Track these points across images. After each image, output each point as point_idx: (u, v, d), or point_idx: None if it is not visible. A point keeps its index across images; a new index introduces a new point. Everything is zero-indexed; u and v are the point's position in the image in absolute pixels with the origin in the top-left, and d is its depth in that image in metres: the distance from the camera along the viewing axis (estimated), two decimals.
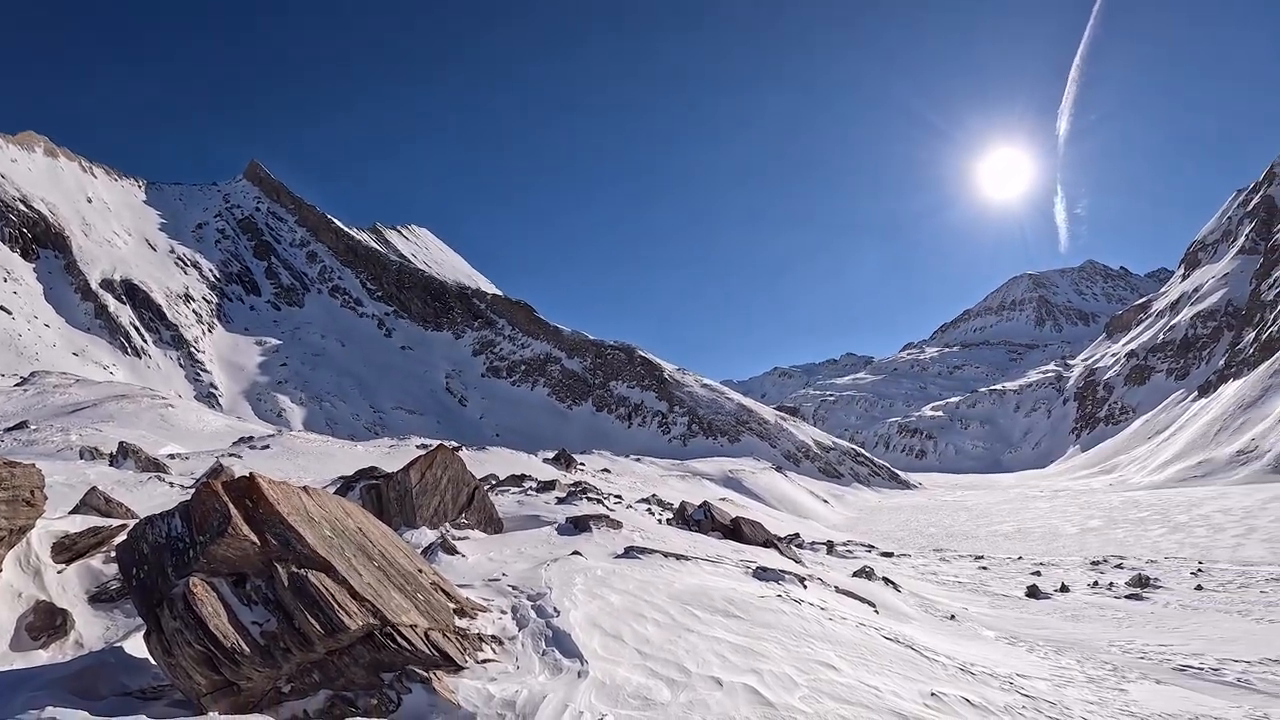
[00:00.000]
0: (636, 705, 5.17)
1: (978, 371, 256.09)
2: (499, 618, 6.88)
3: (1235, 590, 20.60)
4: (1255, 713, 8.23)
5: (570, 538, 12.38)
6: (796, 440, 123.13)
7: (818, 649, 7.44)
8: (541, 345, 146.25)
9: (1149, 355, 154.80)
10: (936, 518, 63.24)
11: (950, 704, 6.60)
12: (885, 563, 26.49)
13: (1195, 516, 47.07)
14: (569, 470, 40.40)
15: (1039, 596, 19.53)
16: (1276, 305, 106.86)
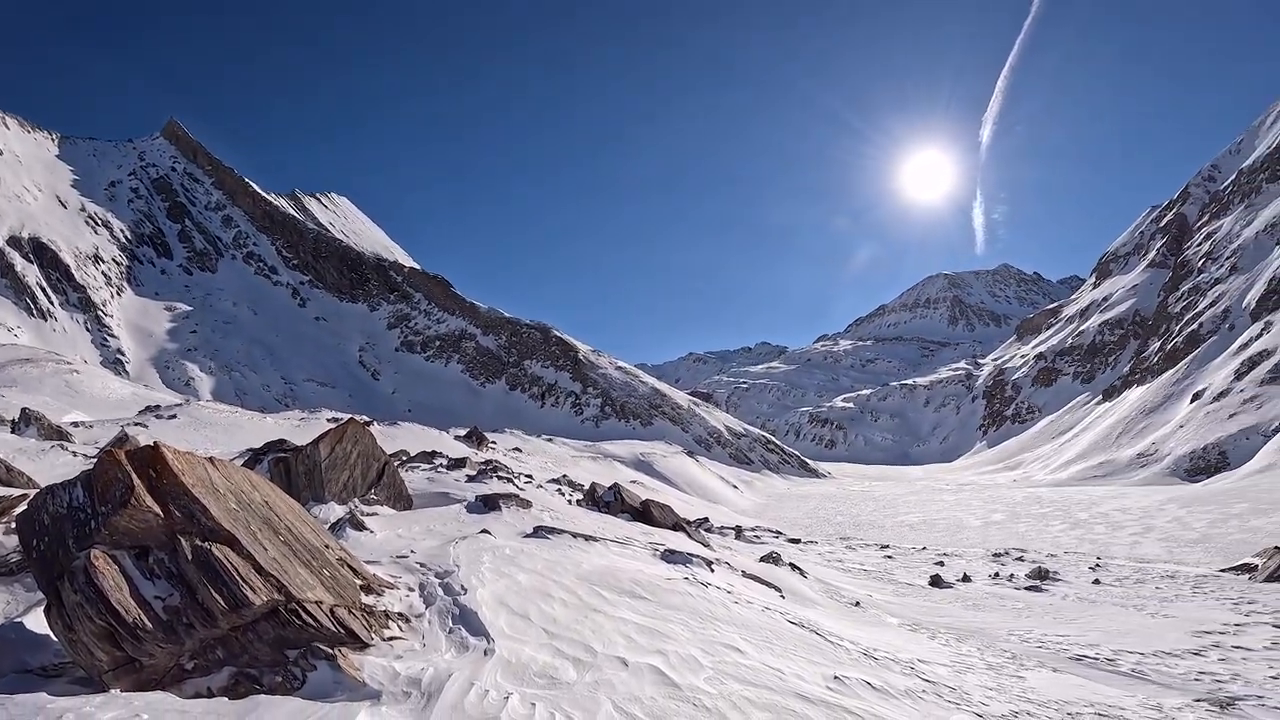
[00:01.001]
0: (542, 684, 5.12)
1: (890, 366, 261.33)
2: (406, 595, 6.78)
3: (1131, 585, 21.30)
4: (1149, 702, 8.43)
5: (480, 516, 12.25)
6: (709, 426, 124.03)
7: (723, 631, 7.45)
8: (457, 321, 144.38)
9: (1057, 358, 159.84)
10: (844, 507, 64.36)
11: (852, 687, 6.65)
12: (793, 549, 26.79)
13: (1095, 514, 48.71)
14: (480, 448, 40.05)
15: (942, 586, 19.95)
16: (1182, 317, 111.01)
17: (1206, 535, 37.15)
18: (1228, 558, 29.46)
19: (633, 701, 5.07)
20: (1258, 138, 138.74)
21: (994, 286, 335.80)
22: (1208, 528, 39.03)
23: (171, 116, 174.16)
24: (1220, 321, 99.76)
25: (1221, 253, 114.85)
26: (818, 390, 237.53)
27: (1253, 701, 8.61)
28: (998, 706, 7.47)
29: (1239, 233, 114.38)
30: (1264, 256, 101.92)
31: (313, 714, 4.29)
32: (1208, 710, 8.14)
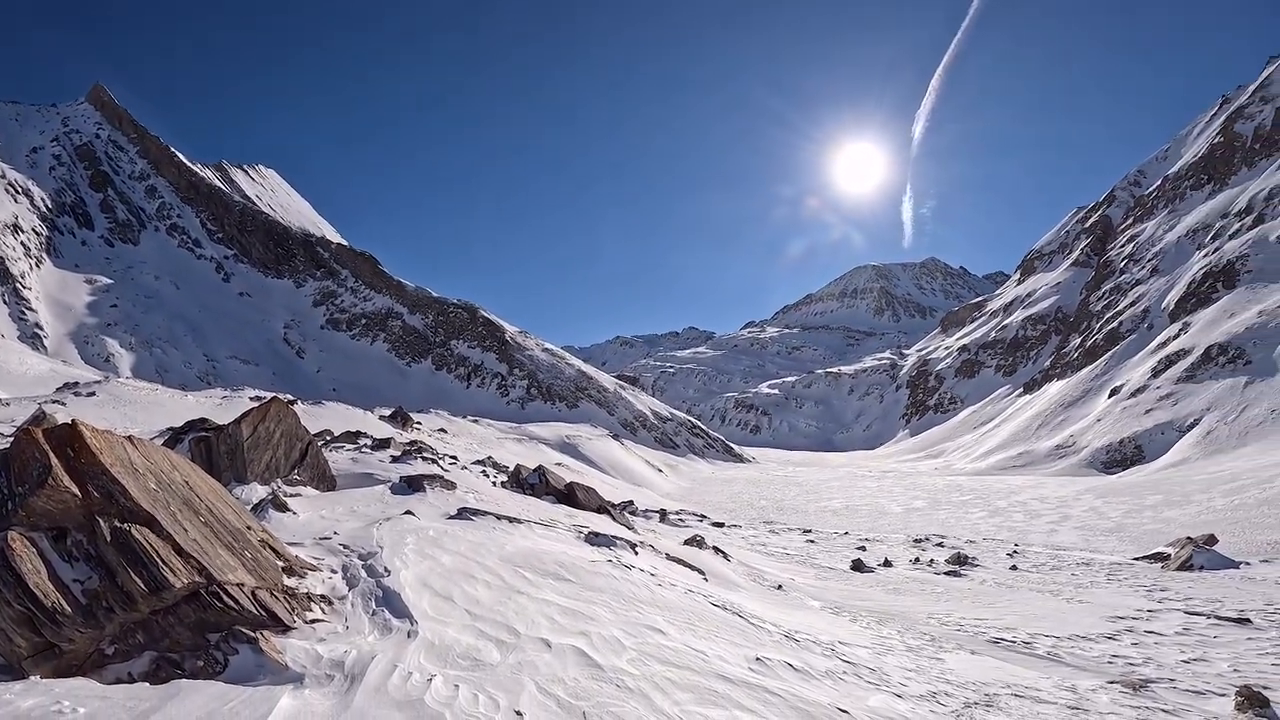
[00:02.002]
0: (466, 666, 5.11)
1: (815, 354, 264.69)
2: (329, 577, 6.71)
3: (1048, 572, 21.81)
4: (1063, 684, 8.63)
5: (404, 497, 12.16)
6: (634, 409, 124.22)
7: (646, 613, 7.50)
8: (384, 299, 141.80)
9: (980, 351, 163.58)
10: (768, 491, 65.05)
11: (773, 668, 6.74)
12: (716, 533, 26.91)
13: (1014, 502, 49.96)
14: (405, 429, 39.68)
15: (863, 570, 20.18)
16: (1103, 316, 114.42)
17: (1121, 525, 38.30)
18: (1141, 547, 30.43)
19: (555, 683, 5.10)
20: (1184, 146, 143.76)
21: (921, 279, 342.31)
22: (1122, 518, 40.26)
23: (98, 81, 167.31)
24: (1140, 321, 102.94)
25: (1144, 255, 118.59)
26: (744, 376, 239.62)
27: (1165, 684, 8.87)
28: (916, 687, 7.59)
29: (1161, 236, 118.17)
30: (1184, 260, 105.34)
31: (234, 698, 4.24)
32: (1121, 692, 8.33)
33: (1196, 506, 40.31)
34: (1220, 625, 12.94)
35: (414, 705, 4.43)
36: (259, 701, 4.20)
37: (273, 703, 4.20)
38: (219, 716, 4.02)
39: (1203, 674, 9.67)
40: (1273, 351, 70.96)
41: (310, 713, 4.24)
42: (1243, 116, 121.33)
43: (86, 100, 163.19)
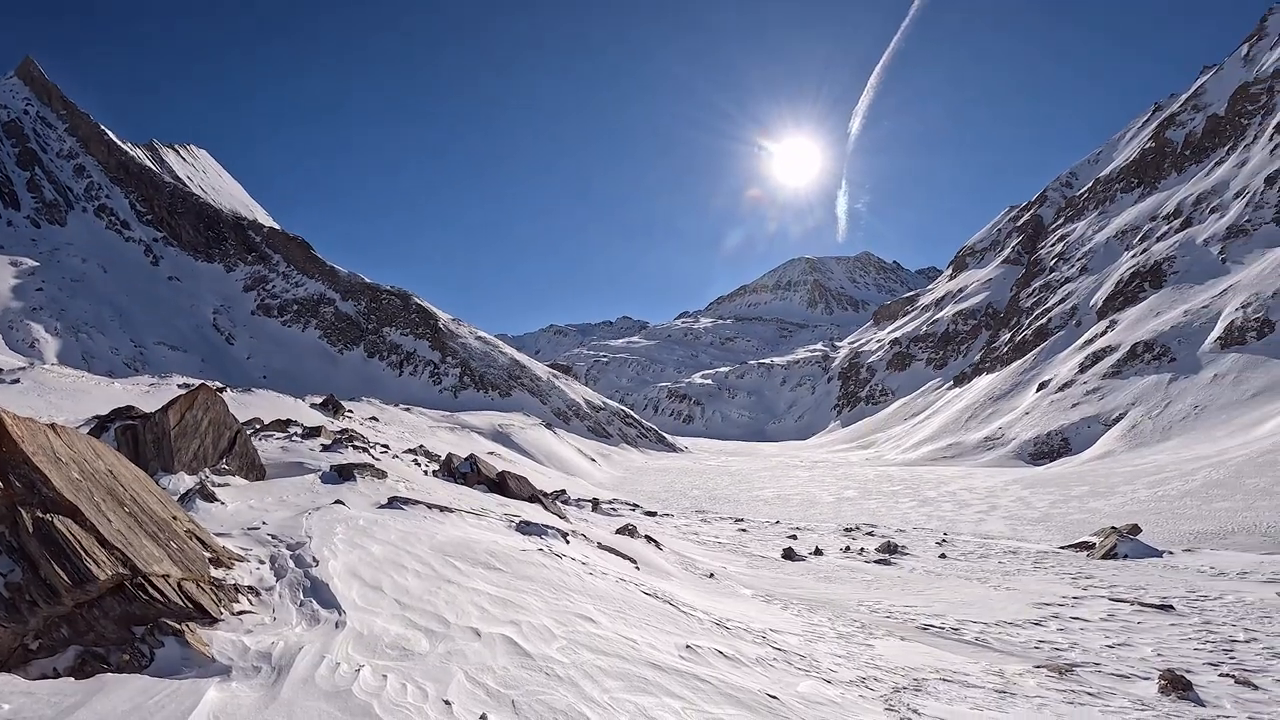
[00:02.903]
0: (394, 656, 5.09)
1: (749, 345, 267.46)
2: (257, 568, 6.65)
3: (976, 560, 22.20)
4: (991, 668, 8.78)
5: (334, 486, 12.05)
6: (567, 398, 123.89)
7: (577, 602, 7.52)
8: (316, 285, 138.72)
9: (911, 344, 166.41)
10: (700, 481, 65.44)
11: (704, 656, 6.77)
12: (649, 522, 26.94)
13: (943, 493, 50.90)
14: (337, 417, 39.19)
15: (794, 558, 20.32)
16: (1033, 312, 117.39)
17: (1048, 515, 39.20)
18: (1067, 536, 31.16)
19: (485, 671, 5.08)
20: (1116, 150, 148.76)
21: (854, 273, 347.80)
22: (1049, 508, 41.21)
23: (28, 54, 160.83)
24: (1068, 318, 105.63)
25: (1074, 254, 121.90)
26: (677, 366, 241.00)
27: (1089, 668, 9.07)
28: (846, 673, 7.66)
29: (1091, 236, 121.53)
30: (1113, 260, 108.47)
31: (160, 692, 4.15)
32: (1047, 675, 8.48)
33: (1121, 497, 41.39)
34: (1144, 611, 13.25)
35: (342, 696, 4.39)
36: (185, 695, 4.14)
37: (199, 696, 4.13)
38: (144, 711, 3.94)
39: (1127, 658, 9.88)
40: (1196, 350, 73.25)
41: (237, 705, 4.18)
42: (1174, 124, 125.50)
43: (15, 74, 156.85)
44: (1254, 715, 7.32)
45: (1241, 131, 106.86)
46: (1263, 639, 11.06)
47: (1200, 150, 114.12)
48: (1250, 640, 10.99)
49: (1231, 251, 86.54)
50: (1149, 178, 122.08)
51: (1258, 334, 69.08)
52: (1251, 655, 10.09)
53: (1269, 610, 13.42)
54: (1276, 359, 64.12)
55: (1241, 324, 71.20)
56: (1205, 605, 14.08)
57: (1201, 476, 41.71)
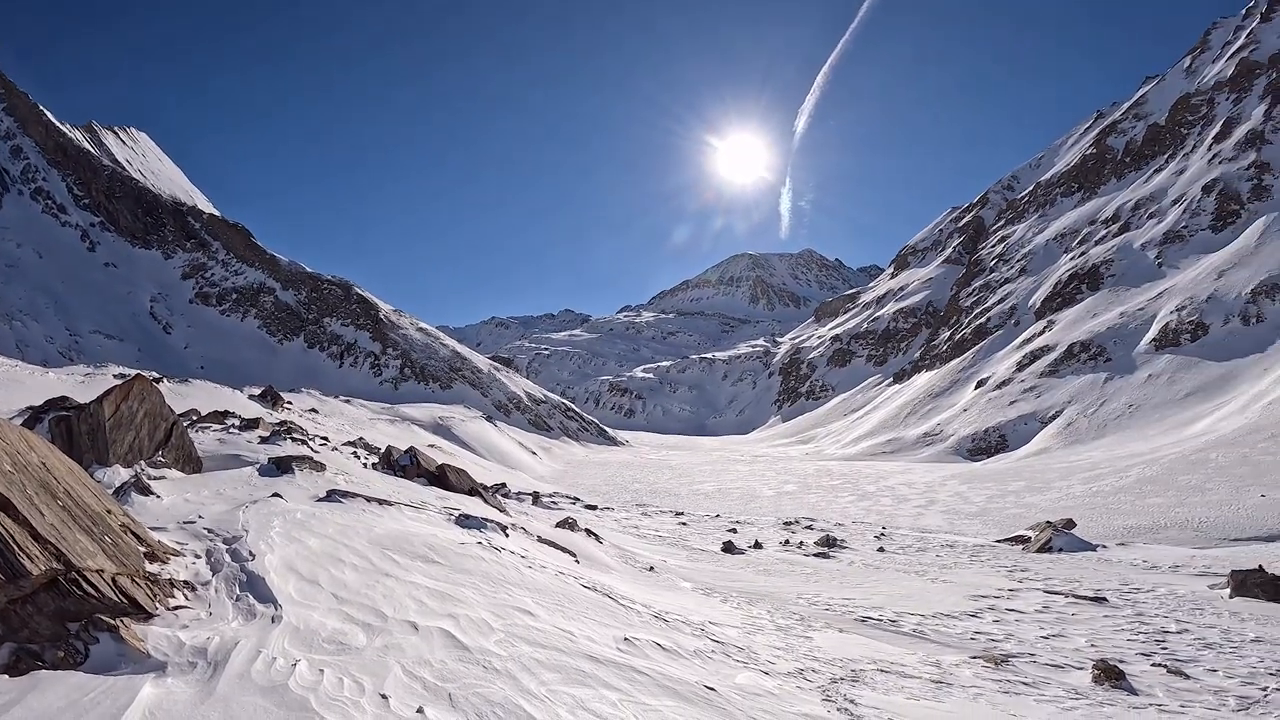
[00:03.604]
0: (331, 650, 5.03)
1: (690, 339, 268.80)
2: (193, 562, 6.56)
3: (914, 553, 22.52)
4: (928, 659, 8.92)
5: (272, 479, 11.89)
6: (509, 391, 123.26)
7: (515, 595, 7.48)
8: (256, 274, 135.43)
9: (852, 341, 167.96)
10: (641, 475, 65.51)
11: (642, 648, 6.77)
12: (589, 515, 27.02)
13: (882, 487, 51.44)
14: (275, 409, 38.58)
15: (734, 552, 20.42)
16: (972, 311, 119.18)
17: (985, 509, 39.81)
18: (1004, 530, 31.72)
19: (422, 665, 5.05)
20: (1058, 155, 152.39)
21: (796, 269, 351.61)
22: (986, 503, 41.85)
23: None
24: (1007, 317, 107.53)
25: (1014, 255, 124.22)
26: (618, 360, 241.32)
27: (1025, 659, 9.26)
28: (784, 664, 7.72)
29: (1031, 239, 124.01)
30: (1052, 261, 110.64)
31: (95, 688, 4.05)
32: (984, 666, 8.64)
33: (1056, 493, 42.16)
34: (1078, 604, 13.54)
35: (278, 691, 4.32)
36: (120, 691, 4.03)
37: (134, 692, 4.03)
38: (80, 708, 3.85)
39: (1061, 649, 10.10)
40: (1131, 351, 75.00)
41: (173, 701, 4.09)
42: (1116, 131, 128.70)
43: None
44: (1185, 704, 7.51)
45: (1181, 141, 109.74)
46: (1194, 630, 11.38)
47: (1140, 158, 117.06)
48: (1182, 631, 11.31)
49: (1168, 256, 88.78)
50: (1089, 183, 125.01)
51: (1191, 336, 70.89)
52: (1183, 646, 10.38)
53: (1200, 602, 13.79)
54: (1209, 361, 65.81)
55: (1176, 326, 73.04)
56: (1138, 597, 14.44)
57: (1135, 473, 42.62)
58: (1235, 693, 7.98)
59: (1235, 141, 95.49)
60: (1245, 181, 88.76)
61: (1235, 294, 71.67)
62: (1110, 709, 7.20)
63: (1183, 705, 7.46)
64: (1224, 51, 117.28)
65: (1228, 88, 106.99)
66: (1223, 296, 72.61)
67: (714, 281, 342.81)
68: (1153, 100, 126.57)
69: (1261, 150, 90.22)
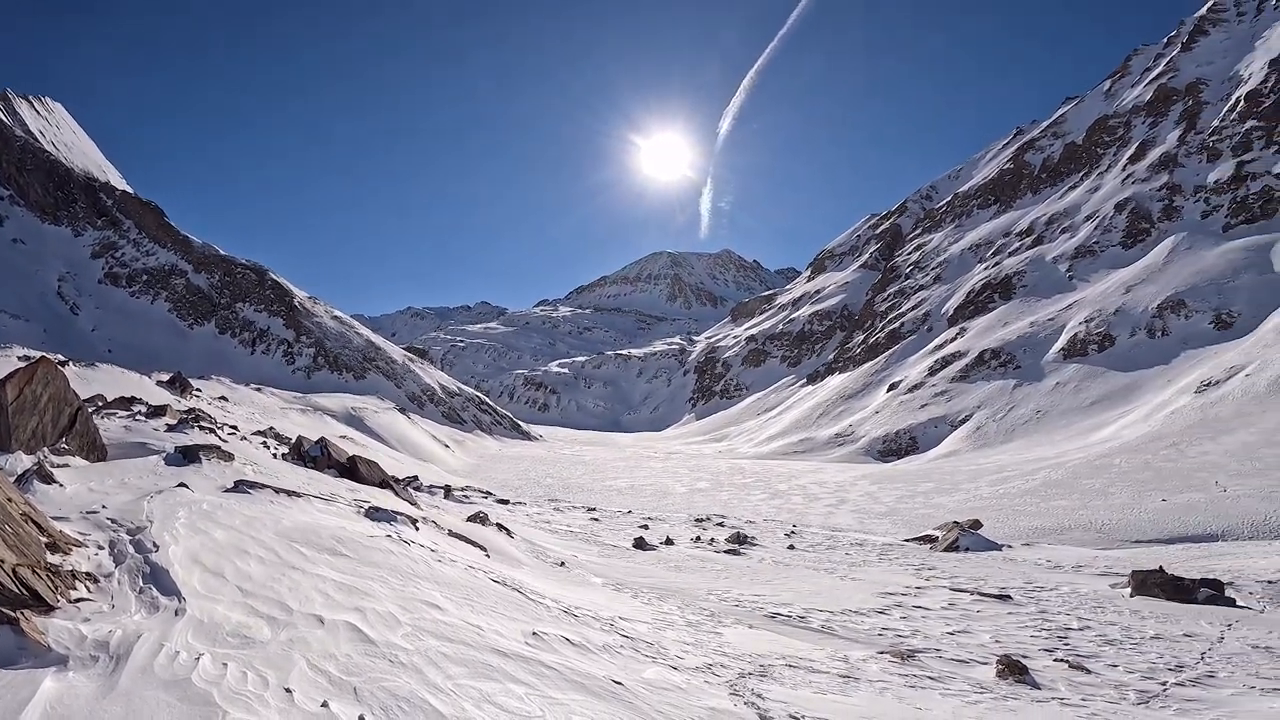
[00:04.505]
0: (235, 644, 4.94)
1: (607, 335, 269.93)
2: (95, 553, 6.34)
3: (824, 551, 22.83)
4: (836, 655, 9.02)
5: (178, 469, 11.57)
6: (423, 383, 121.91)
7: (424, 589, 7.46)
8: (168, 255, 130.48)
9: (767, 342, 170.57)
10: (554, 469, 65.50)
11: (550, 643, 6.79)
12: (501, 509, 26.85)
13: (794, 486, 52.19)
14: (184, 396, 37.61)
15: (645, 548, 20.45)
16: (886, 316, 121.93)
17: (894, 509, 40.63)
18: (912, 529, 32.49)
19: (327, 659, 4.99)
20: (976, 168, 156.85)
21: (715, 269, 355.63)
22: (896, 502, 42.74)
23: None
24: (920, 323, 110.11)
25: (929, 263, 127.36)
26: (534, 354, 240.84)
27: (931, 654, 9.43)
28: (693, 659, 7.76)
29: (947, 247, 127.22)
30: (966, 271, 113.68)
31: None
32: (890, 661, 8.78)
33: (964, 494, 43.22)
34: (983, 601, 13.85)
35: (181, 685, 4.22)
36: (20, 685, 3.93)
37: (35, 686, 3.93)
38: None
39: (966, 644, 10.31)
40: (1040, 359, 77.30)
41: (74, 695, 3.98)
42: (1034, 148, 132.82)
43: None
44: (1087, 697, 7.69)
45: (1097, 160, 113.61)
46: (1095, 627, 11.73)
47: (1056, 174, 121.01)
48: (1084, 628, 11.63)
49: (1078, 270, 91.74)
50: (1006, 196, 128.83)
51: (1099, 347, 73.34)
52: (1085, 642, 10.66)
53: (1102, 601, 14.22)
54: (1115, 371, 68.06)
55: (1084, 337, 75.50)
56: (1042, 595, 14.84)
57: (1041, 476, 43.87)
58: (1135, 687, 8.20)
59: (1149, 163, 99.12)
60: (1156, 202, 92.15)
61: (1142, 308, 74.25)
62: (1014, 702, 7.34)
63: (1084, 699, 7.64)
64: (1143, 77, 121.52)
65: (1145, 112, 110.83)
66: (1130, 310, 75.21)
67: (632, 278, 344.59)
68: (1071, 120, 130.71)
69: (1174, 173, 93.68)
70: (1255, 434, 41.34)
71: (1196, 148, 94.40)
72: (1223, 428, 44.24)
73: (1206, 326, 67.13)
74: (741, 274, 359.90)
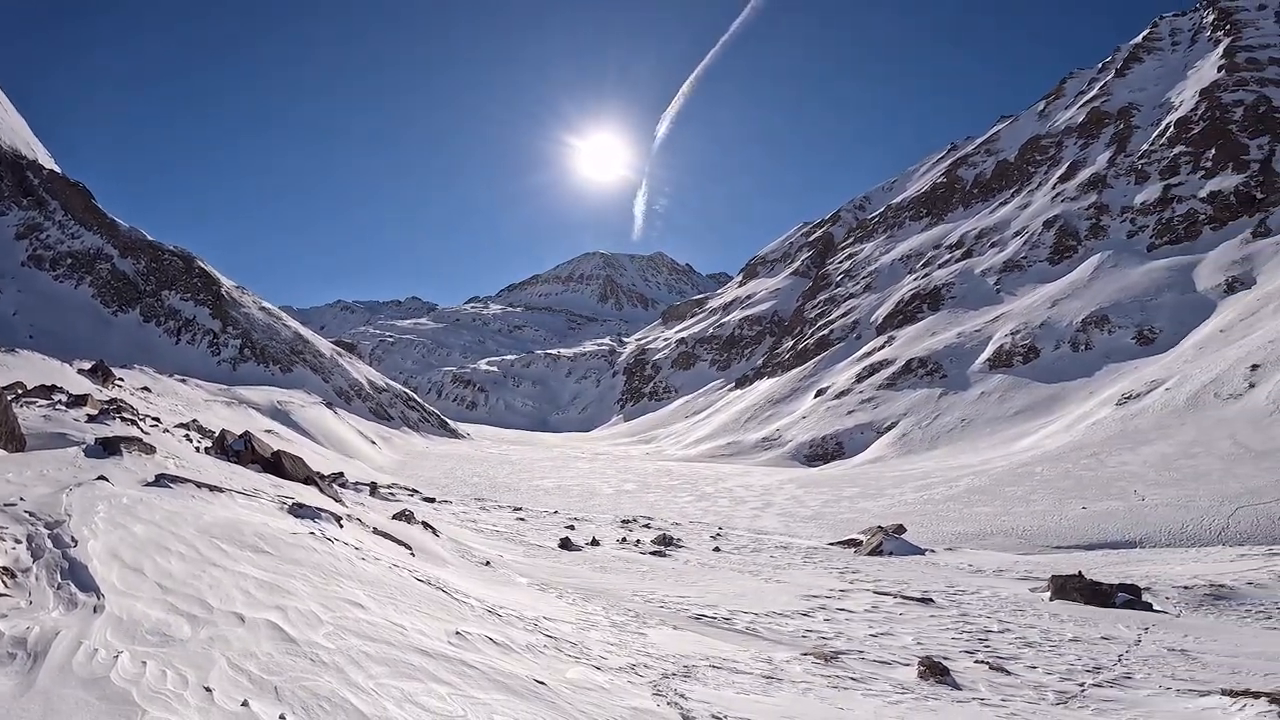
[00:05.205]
0: (155, 642, 4.83)
1: (537, 334, 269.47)
2: (13, 547, 6.16)
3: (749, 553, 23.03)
4: (760, 656, 9.09)
5: (99, 461, 11.28)
6: (350, 378, 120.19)
7: (347, 588, 7.39)
8: (94, 238, 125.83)
9: (697, 345, 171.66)
10: (481, 468, 65.13)
11: (474, 642, 6.79)
12: (427, 508, 26.74)
13: (721, 489, 52.53)
14: (106, 385, 36.68)
15: (571, 548, 20.44)
16: (816, 323, 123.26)
17: (819, 513, 41.09)
18: (837, 533, 32.84)
19: (248, 658, 4.91)
20: (910, 181, 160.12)
21: (647, 271, 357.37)
22: (821, 506, 43.22)
23: None
24: (849, 331, 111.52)
25: (860, 272, 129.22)
26: (463, 351, 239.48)
27: (854, 656, 9.54)
28: (617, 660, 7.79)
29: (878, 257, 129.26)
30: (896, 281, 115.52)
31: None
32: (814, 662, 8.87)
33: (889, 499, 43.81)
34: (906, 604, 14.06)
35: (100, 684, 4.10)
36: None
37: None
38: None
39: (889, 646, 10.46)
40: (967, 369, 78.72)
41: None
42: (967, 163, 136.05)
43: None
44: (1006, 698, 7.85)
45: (1028, 178, 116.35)
46: (1015, 630, 11.97)
47: (988, 190, 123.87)
48: (1004, 631, 11.87)
49: (1006, 283, 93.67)
50: (938, 210, 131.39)
51: (1024, 359, 74.89)
52: (1005, 644, 10.88)
53: (1022, 604, 14.52)
54: (1038, 382, 69.49)
55: (1010, 349, 77.07)
56: (963, 599, 15.11)
57: (965, 483, 44.68)
58: (1054, 688, 8.38)
59: (1078, 183, 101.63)
60: (1084, 220, 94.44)
61: (1067, 322, 75.99)
62: (934, 703, 7.46)
63: (1004, 699, 7.80)
64: (1077, 100, 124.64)
65: (1077, 133, 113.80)
66: (1055, 324, 76.92)
67: (565, 278, 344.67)
68: (1005, 138, 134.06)
69: (1102, 193, 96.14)
70: (1173, 446, 42.50)
71: (1125, 170, 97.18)
72: (1142, 439, 45.42)
73: (1129, 342, 68.93)
74: (674, 277, 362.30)
